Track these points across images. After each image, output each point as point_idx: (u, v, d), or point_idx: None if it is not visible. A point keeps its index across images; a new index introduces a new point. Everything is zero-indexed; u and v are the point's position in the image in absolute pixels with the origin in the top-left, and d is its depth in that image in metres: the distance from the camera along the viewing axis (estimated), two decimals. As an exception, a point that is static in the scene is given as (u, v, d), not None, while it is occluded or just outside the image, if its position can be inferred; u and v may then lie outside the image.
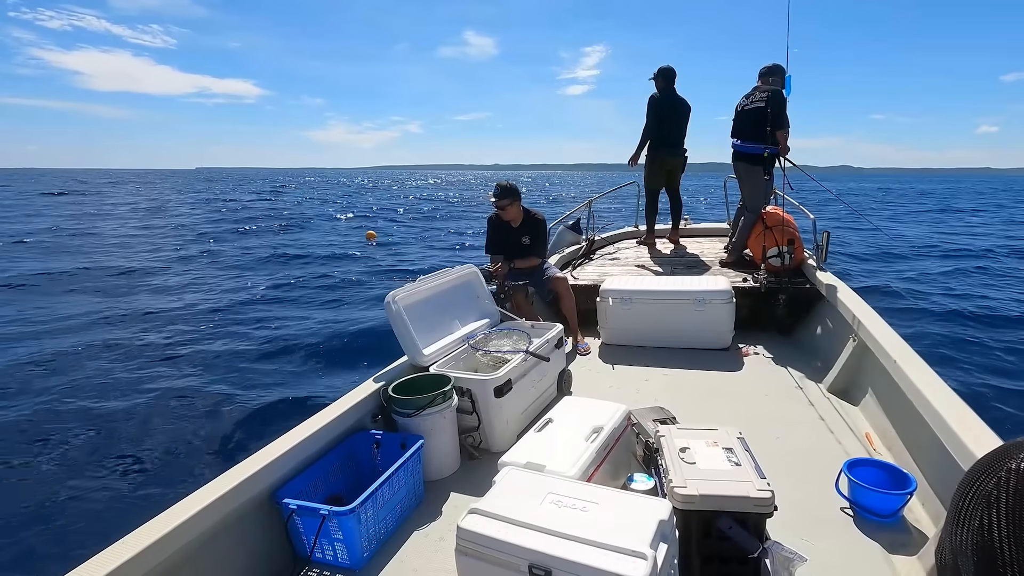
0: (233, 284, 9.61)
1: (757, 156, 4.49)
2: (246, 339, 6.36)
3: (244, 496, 1.79)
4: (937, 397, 2.00)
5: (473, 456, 2.54)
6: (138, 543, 1.47)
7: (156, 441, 4.00)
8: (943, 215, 23.64)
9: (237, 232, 17.37)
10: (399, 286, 2.82)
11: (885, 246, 12.48)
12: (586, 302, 4.06)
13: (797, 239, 4.20)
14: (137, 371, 5.41)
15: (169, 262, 11.91)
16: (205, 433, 4.12)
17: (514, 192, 3.72)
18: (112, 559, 1.42)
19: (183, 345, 6.16)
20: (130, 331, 6.71)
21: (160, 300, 8.38)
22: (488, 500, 1.51)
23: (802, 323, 3.90)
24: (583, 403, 2.31)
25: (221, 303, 8.14)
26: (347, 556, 1.85)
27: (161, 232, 17.54)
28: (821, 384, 3.07)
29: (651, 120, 5.22)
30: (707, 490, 1.62)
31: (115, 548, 1.47)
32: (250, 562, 1.83)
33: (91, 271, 10.57)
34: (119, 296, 8.61)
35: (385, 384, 2.48)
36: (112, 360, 5.70)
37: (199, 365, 5.55)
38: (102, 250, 13.46)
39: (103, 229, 18.09)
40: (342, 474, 2.22)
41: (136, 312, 7.58)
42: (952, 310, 7.11)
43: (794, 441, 2.49)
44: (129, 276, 10.25)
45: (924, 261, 11.33)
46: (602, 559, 1.25)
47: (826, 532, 1.89)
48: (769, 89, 4.42)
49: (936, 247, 13.07)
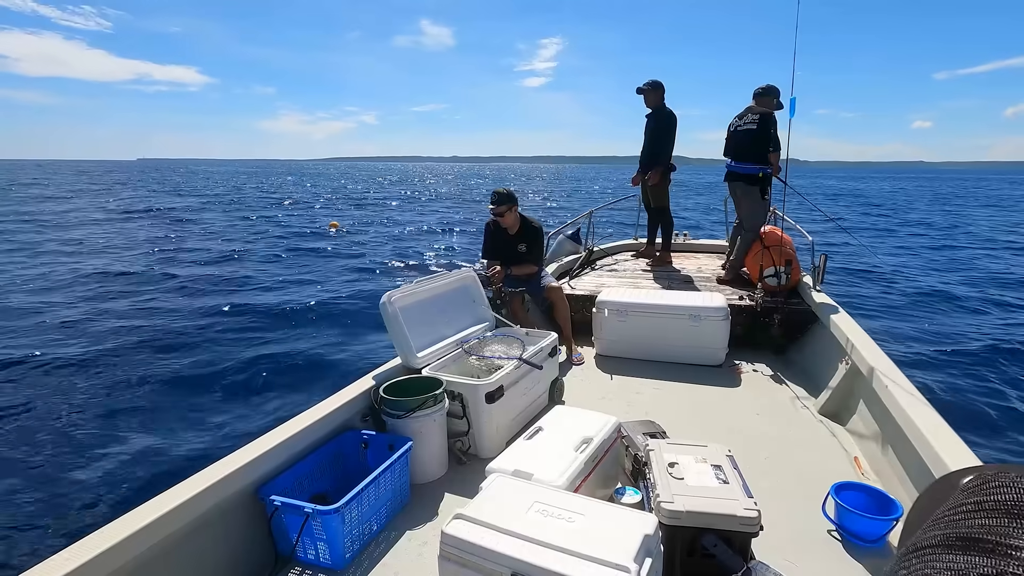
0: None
1: (752, 176, 4.53)
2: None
3: (228, 490, 1.77)
4: (926, 424, 2.01)
5: (461, 461, 2.53)
6: (114, 535, 1.45)
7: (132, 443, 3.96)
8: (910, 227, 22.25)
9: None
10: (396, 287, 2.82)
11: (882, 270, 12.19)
12: (582, 312, 4.05)
13: (794, 260, 4.22)
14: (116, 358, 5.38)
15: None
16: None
17: (511, 199, 3.73)
18: (85, 551, 1.39)
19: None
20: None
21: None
22: (474, 506, 1.50)
23: (796, 344, 3.91)
24: (574, 413, 2.31)
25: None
26: (329, 556, 1.83)
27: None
28: (812, 406, 3.07)
29: (674, 138, 5.18)
30: (694, 506, 1.61)
31: (89, 539, 1.44)
32: (230, 558, 1.81)
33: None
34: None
35: (376, 384, 2.48)
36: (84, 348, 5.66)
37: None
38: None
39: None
40: (329, 473, 2.21)
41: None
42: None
43: (783, 461, 2.49)
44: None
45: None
46: (586, 571, 1.25)
47: (811, 555, 1.88)
48: (760, 111, 4.47)
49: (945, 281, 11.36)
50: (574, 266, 5.32)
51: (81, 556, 1.37)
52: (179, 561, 1.65)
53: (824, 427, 2.83)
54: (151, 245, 13.23)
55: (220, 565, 1.78)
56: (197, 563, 1.71)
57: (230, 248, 12.87)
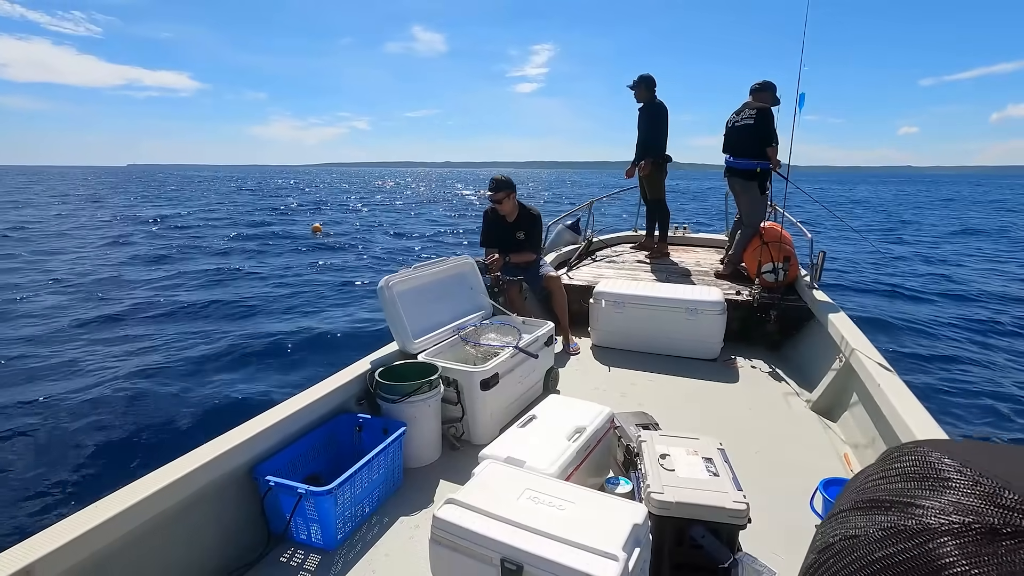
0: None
1: (751, 172, 4.52)
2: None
3: (222, 469, 1.78)
4: (917, 423, 2.03)
5: (455, 447, 2.55)
6: (109, 509, 1.46)
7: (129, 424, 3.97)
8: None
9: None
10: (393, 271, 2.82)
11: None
12: (579, 302, 4.06)
13: (793, 256, 4.22)
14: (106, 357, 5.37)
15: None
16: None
17: (509, 185, 3.71)
18: (79, 525, 1.40)
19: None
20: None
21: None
22: (466, 492, 1.52)
23: (791, 340, 3.93)
24: (568, 402, 2.32)
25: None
26: (321, 536, 1.85)
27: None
28: (805, 401, 3.10)
29: (667, 129, 5.17)
30: (683, 498, 1.63)
31: (83, 513, 1.45)
32: (223, 536, 1.83)
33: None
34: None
35: (372, 368, 2.48)
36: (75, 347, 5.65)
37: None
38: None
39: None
40: (323, 454, 2.22)
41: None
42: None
43: (773, 456, 2.52)
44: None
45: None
46: (574, 558, 1.26)
47: (798, 548, 1.91)
48: (758, 106, 4.45)
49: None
50: (572, 256, 5.32)
51: (75, 529, 1.38)
52: (173, 537, 1.66)
53: (815, 423, 2.85)
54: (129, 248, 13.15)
55: (214, 542, 1.80)
56: (191, 539, 1.72)
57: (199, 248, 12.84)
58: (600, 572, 1.22)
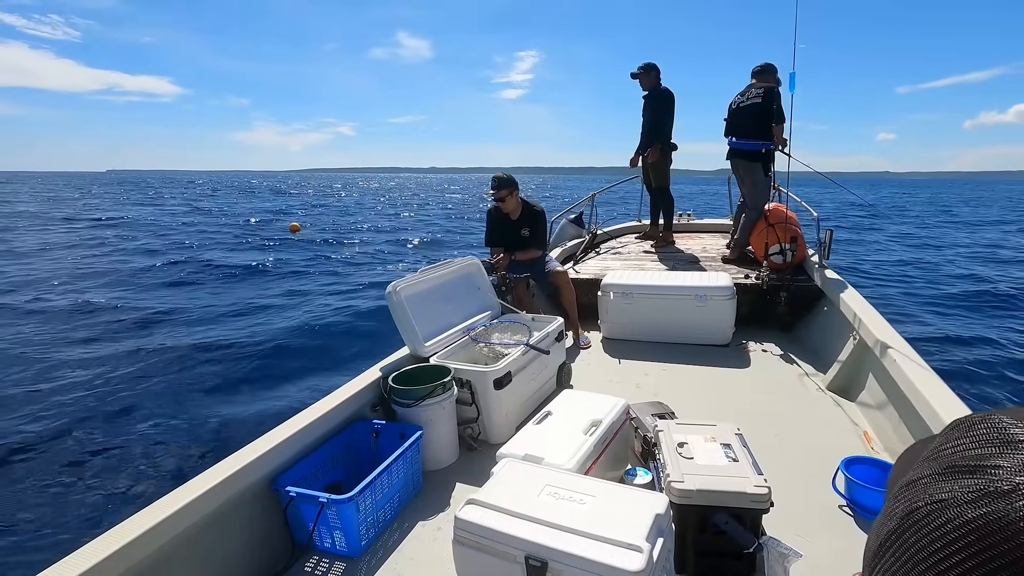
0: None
1: (755, 152, 4.49)
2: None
3: (244, 483, 1.80)
4: (935, 397, 2.01)
5: (472, 447, 2.55)
6: (136, 528, 1.48)
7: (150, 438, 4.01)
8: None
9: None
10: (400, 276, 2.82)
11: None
12: (587, 296, 4.05)
13: (799, 236, 4.19)
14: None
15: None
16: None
17: (511, 183, 3.71)
18: (109, 544, 1.42)
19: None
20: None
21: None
22: (486, 491, 1.52)
23: (803, 320, 3.90)
24: (582, 396, 2.32)
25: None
26: (345, 544, 1.86)
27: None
28: (820, 382, 3.07)
29: (673, 115, 5.14)
30: (704, 485, 1.62)
31: (112, 533, 1.47)
32: (249, 548, 1.84)
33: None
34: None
35: (385, 374, 2.49)
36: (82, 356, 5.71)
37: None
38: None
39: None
40: (341, 462, 2.24)
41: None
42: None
43: (792, 438, 2.50)
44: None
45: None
46: (598, 551, 1.26)
47: (822, 529, 1.90)
48: (764, 85, 4.42)
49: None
50: (578, 250, 5.31)
51: (103, 551, 1.40)
52: (201, 552, 1.68)
53: (833, 402, 2.83)
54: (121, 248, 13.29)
55: (240, 555, 1.81)
56: (218, 553, 1.74)
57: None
58: (625, 564, 1.22)
